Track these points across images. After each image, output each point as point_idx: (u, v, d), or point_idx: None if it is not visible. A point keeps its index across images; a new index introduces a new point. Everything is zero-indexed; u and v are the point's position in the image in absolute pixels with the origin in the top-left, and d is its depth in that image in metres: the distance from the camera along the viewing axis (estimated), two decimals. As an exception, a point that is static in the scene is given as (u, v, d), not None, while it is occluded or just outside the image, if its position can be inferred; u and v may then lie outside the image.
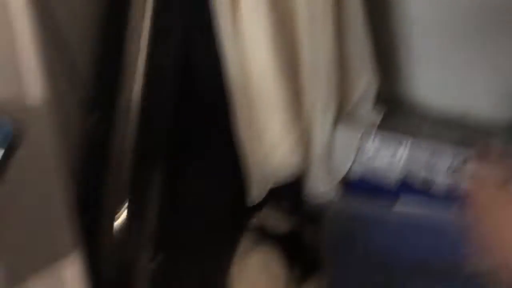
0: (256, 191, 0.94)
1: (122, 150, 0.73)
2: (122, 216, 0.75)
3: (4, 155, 0.44)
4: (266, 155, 0.90)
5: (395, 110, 0.99)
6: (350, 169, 0.93)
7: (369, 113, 0.95)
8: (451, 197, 0.89)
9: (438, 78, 0.99)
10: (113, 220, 0.73)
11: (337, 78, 0.87)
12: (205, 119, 0.90)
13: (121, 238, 0.74)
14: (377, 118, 0.95)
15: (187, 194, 0.89)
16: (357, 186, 0.94)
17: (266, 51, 0.81)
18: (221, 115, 0.91)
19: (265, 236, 1.18)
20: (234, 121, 0.87)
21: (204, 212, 0.97)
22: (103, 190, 0.74)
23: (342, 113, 0.93)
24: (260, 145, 0.89)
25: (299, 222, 1.17)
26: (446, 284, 0.97)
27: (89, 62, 0.72)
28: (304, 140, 0.90)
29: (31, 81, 0.54)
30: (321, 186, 0.93)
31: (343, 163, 0.92)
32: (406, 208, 0.89)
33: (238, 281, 1.10)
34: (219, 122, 0.93)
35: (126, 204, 0.74)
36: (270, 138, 0.89)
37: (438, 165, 0.88)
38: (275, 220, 1.20)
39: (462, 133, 0.93)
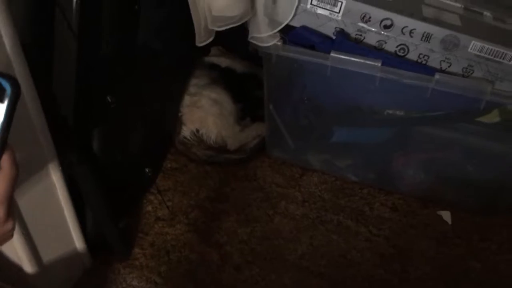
0: (203, 34, 0.99)
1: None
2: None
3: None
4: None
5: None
6: (292, 16, 0.97)
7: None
8: (382, 48, 0.97)
9: None
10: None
11: None
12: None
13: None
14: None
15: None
16: (298, 33, 0.99)
17: None
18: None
19: (219, 73, 1.26)
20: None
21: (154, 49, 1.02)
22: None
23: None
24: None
25: (249, 64, 1.25)
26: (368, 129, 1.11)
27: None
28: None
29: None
30: (264, 31, 0.98)
31: (286, 10, 0.96)
32: (342, 55, 0.96)
33: (190, 113, 1.20)
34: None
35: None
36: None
37: (373, 18, 0.94)
38: (229, 60, 1.27)
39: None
